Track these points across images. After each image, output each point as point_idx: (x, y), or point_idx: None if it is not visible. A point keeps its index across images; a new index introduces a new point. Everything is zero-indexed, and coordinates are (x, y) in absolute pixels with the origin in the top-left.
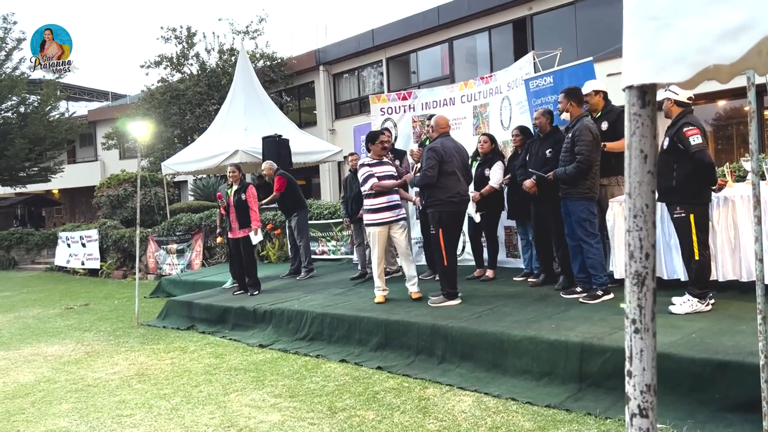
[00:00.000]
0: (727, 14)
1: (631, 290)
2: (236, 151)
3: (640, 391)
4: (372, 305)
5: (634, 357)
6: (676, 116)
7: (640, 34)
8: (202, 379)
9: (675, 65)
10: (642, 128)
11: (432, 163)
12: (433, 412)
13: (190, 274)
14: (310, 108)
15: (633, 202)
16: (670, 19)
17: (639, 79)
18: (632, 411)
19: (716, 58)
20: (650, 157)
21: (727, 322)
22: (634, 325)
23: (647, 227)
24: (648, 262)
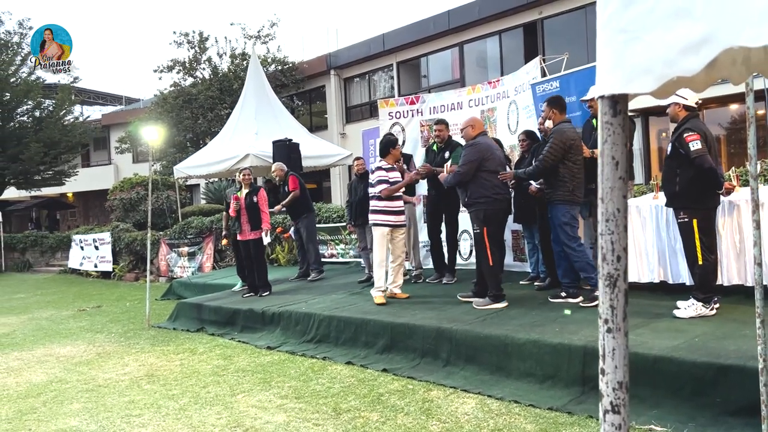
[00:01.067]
0: (689, 28)
1: (603, 291)
2: (247, 155)
3: (613, 388)
4: (378, 308)
5: (607, 355)
6: (681, 121)
7: (611, 46)
8: (210, 380)
9: (642, 76)
10: (613, 136)
11: (472, 159)
12: (437, 413)
13: (201, 276)
14: (320, 112)
15: (605, 207)
16: (638, 32)
17: (610, 89)
18: (605, 407)
19: (679, 70)
20: (621, 164)
21: (731, 326)
22: (606, 324)
23: (619, 231)
24: (620, 265)
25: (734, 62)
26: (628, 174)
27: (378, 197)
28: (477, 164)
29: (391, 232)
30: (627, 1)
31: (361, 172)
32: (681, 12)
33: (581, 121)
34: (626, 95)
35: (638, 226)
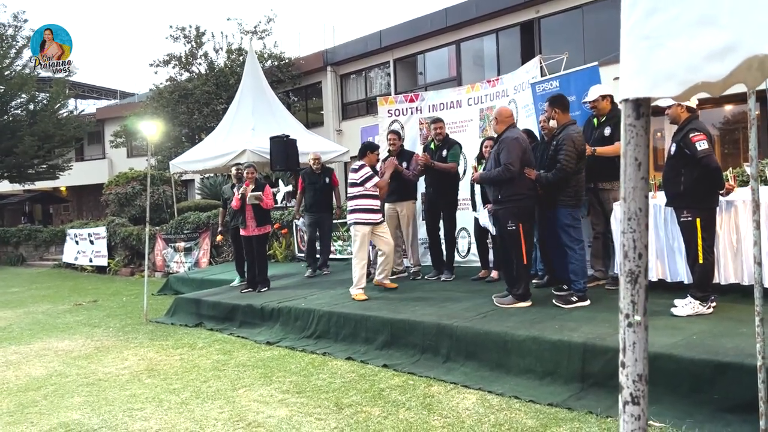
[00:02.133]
0: (714, 36)
1: (624, 287)
2: (244, 150)
3: (633, 380)
4: (378, 304)
5: (627, 349)
6: (683, 122)
7: (635, 52)
8: (211, 374)
9: (666, 82)
10: (636, 138)
11: (517, 154)
12: (438, 409)
13: (198, 272)
14: (317, 108)
15: (627, 206)
16: (662, 39)
17: (634, 93)
18: (625, 399)
19: (704, 76)
20: (644, 165)
21: (728, 324)
22: (627, 319)
23: (640, 229)
24: (641, 262)
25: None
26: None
27: (360, 195)
28: (521, 159)
29: (373, 229)
30: (651, 9)
31: None
32: (705, 20)
33: (582, 121)
34: (649, 99)
35: None
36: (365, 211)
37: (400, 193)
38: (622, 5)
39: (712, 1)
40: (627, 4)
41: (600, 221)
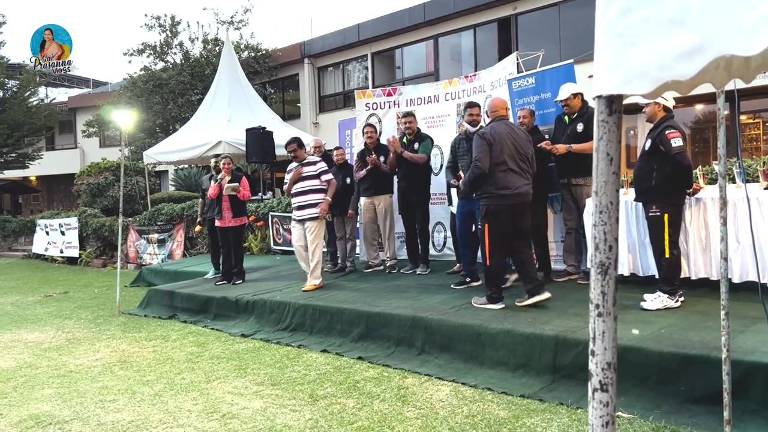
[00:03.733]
0: (684, 36)
1: (595, 278)
2: (219, 141)
3: (602, 368)
4: (354, 297)
5: (597, 338)
6: (659, 120)
7: (609, 49)
8: (185, 366)
9: (638, 79)
10: (609, 134)
11: (482, 151)
12: (412, 400)
13: (172, 264)
14: (294, 101)
15: (599, 200)
16: (636, 38)
17: (607, 89)
18: (594, 386)
19: (674, 74)
20: (615, 160)
21: (695, 318)
22: (597, 309)
23: (611, 222)
24: (611, 254)
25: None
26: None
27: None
28: (489, 154)
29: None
30: (625, 8)
31: (341, 162)
32: (676, 21)
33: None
34: (621, 96)
35: None
36: (300, 207)
37: (377, 187)
38: (597, 3)
39: (682, 4)
40: (602, 3)
41: (572, 217)
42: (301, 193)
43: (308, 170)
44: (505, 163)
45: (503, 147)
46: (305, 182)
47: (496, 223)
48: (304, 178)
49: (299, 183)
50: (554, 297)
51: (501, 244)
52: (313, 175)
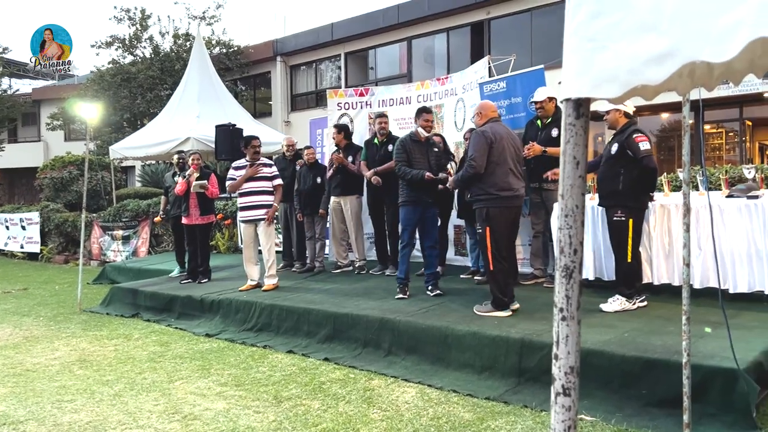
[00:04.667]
0: (654, 41)
1: (560, 282)
2: (188, 138)
3: (565, 372)
4: (321, 298)
5: (561, 342)
6: (624, 125)
7: (578, 53)
8: (147, 366)
9: (607, 83)
10: (576, 137)
11: (480, 149)
12: (378, 402)
13: (136, 261)
14: (265, 98)
15: (565, 203)
16: (605, 42)
17: (576, 93)
18: (557, 390)
19: (643, 79)
20: (582, 163)
21: (658, 322)
22: (561, 313)
23: (577, 226)
24: (576, 257)
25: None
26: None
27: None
28: (486, 154)
29: (255, 226)
30: (595, 12)
31: (312, 161)
32: (647, 26)
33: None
34: (588, 99)
35: None
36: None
37: (345, 187)
38: (567, 6)
39: (653, 8)
40: (572, 6)
41: (540, 220)
42: (253, 193)
43: (265, 171)
44: (507, 164)
45: (504, 147)
46: (259, 182)
47: (498, 226)
48: (258, 178)
49: (252, 182)
50: (520, 300)
51: (504, 247)
52: (267, 176)
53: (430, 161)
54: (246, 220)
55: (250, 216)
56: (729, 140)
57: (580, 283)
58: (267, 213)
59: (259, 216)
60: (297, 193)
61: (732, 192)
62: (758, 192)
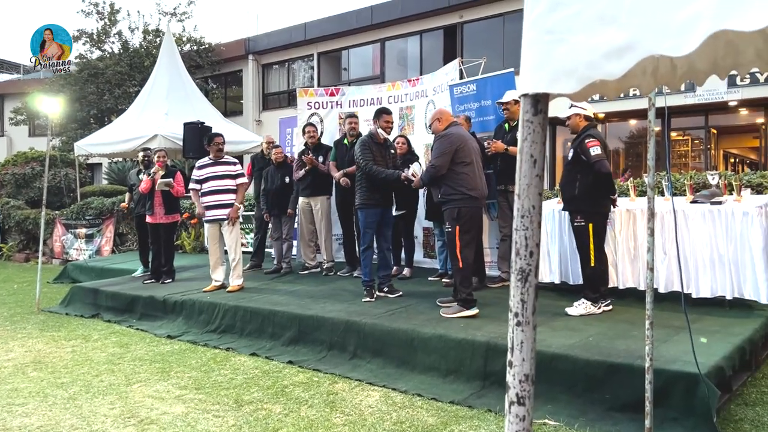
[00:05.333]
0: (614, 34)
1: (515, 285)
2: (155, 135)
3: (519, 380)
4: (287, 300)
5: (515, 348)
6: (581, 129)
7: (536, 46)
8: (104, 368)
9: (566, 78)
10: (533, 134)
11: (444, 151)
12: (341, 406)
13: (99, 260)
14: (236, 97)
15: (521, 203)
16: (564, 34)
17: (533, 88)
18: (511, 399)
19: (602, 73)
20: (539, 162)
21: (622, 327)
22: (516, 318)
23: (533, 227)
24: (532, 260)
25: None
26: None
27: (231, 190)
28: (450, 156)
29: (219, 226)
30: (554, 3)
31: (279, 161)
32: (606, 18)
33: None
34: (548, 95)
35: (542, 229)
36: (207, 208)
37: (314, 188)
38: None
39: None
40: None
41: (508, 224)
42: (216, 192)
43: (228, 170)
44: (474, 164)
45: (470, 148)
46: (222, 181)
47: (469, 225)
48: (221, 176)
49: (215, 181)
50: (487, 303)
51: (472, 245)
52: (231, 174)
53: (388, 164)
54: (209, 220)
55: (213, 215)
56: (694, 147)
57: (536, 287)
58: (229, 212)
59: (222, 215)
60: (264, 192)
61: (696, 198)
62: (722, 198)
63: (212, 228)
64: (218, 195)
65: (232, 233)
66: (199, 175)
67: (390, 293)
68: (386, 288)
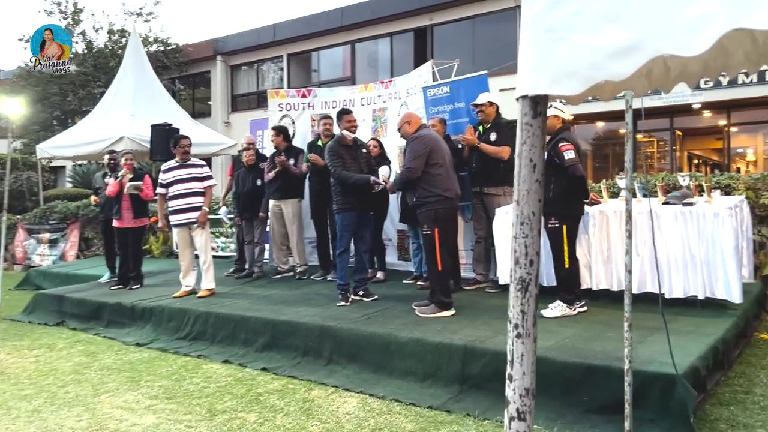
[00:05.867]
0: (618, 33)
1: (514, 296)
2: (122, 137)
3: (520, 395)
4: (259, 305)
5: (515, 361)
6: (555, 132)
7: (535, 45)
8: (71, 378)
9: (567, 78)
10: (532, 138)
11: (418, 153)
12: (317, 414)
13: (63, 266)
14: (204, 98)
15: (521, 210)
16: (565, 33)
17: (533, 89)
18: (511, 414)
19: (607, 74)
20: (539, 166)
21: (597, 328)
22: (516, 329)
23: (533, 234)
24: (532, 269)
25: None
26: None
27: (200, 194)
28: (425, 158)
29: (189, 230)
30: (555, 0)
31: (251, 163)
32: (610, 17)
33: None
34: (547, 96)
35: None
36: (173, 212)
37: (285, 190)
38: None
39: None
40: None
41: (482, 226)
42: (183, 195)
43: (196, 172)
44: (446, 165)
45: (443, 150)
46: (190, 184)
47: (446, 226)
48: (189, 179)
49: (183, 184)
50: (463, 305)
51: (449, 246)
52: (199, 177)
53: (361, 164)
54: (178, 224)
55: (181, 219)
56: (660, 149)
57: (537, 297)
58: (198, 216)
59: (191, 219)
60: (235, 195)
61: (668, 199)
62: (693, 199)
63: (181, 232)
64: (186, 198)
65: (202, 237)
66: (165, 179)
67: (365, 297)
68: (361, 292)
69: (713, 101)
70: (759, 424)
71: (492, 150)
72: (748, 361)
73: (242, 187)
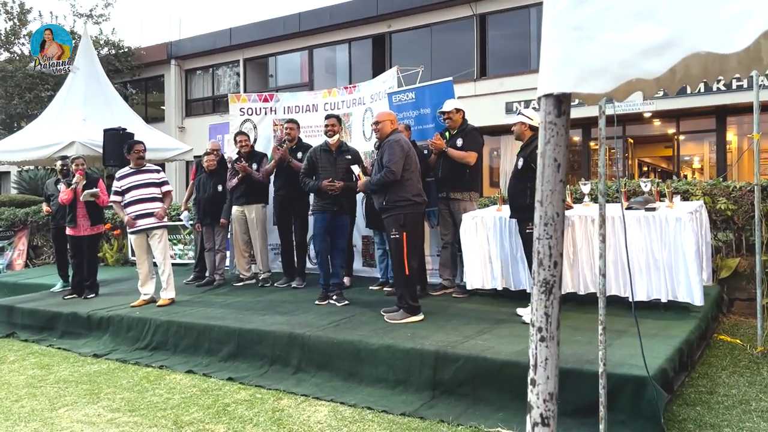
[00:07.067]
0: (652, 30)
1: (538, 298)
2: (72, 142)
3: (543, 399)
4: (223, 313)
5: (539, 365)
6: (529, 138)
7: (560, 43)
8: (25, 392)
9: (595, 77)
10: (557, 137)
11: (400, 156)
12: (288, 423)
13: (11, 275)
14: (158, 103)
15: (544, 210)
16: (593, 30)
17: (557, 87)
18: (534, 420)
19: (640, 72)
20: (563, 166)
21: (566, 332)
22: (540, 333)
23: (557, 236)
24: (556, 271)
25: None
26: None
27: (159, 199)
28: (403, 161)
29: (147, 236)
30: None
31: (212, 168)
32: (642, 13)
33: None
34: (570, 95)
35: (483, 236)
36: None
37: (248, 196)
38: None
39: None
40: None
41: (449, 231)
42: (140, 201)
43: (152, 178)
44: (416, 171)
45: (414, 156)
46: (147, 189)
47: (415, 230)
48: (146, 184)
49: (139, 189)
50: (432, 311)
51: (416, 252)
52: (156, 182)
53: (338, 169)
54: (135, 231)
55: (139, 226)
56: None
57: (561, 300)
58: (157, 212)
59: (148, 225)
60: (195, 201)
61: (631, 204)
62: (655, 204)
63: (139, 239)
64: (143, 204)
65: (160, 244)
66: (119, 186)
67: (337, 301)
68: (335, 296)
69: (663, 110)
70: (725, 423)
71: (459, 155)
72: (710, 362)
73: (203, 193)
